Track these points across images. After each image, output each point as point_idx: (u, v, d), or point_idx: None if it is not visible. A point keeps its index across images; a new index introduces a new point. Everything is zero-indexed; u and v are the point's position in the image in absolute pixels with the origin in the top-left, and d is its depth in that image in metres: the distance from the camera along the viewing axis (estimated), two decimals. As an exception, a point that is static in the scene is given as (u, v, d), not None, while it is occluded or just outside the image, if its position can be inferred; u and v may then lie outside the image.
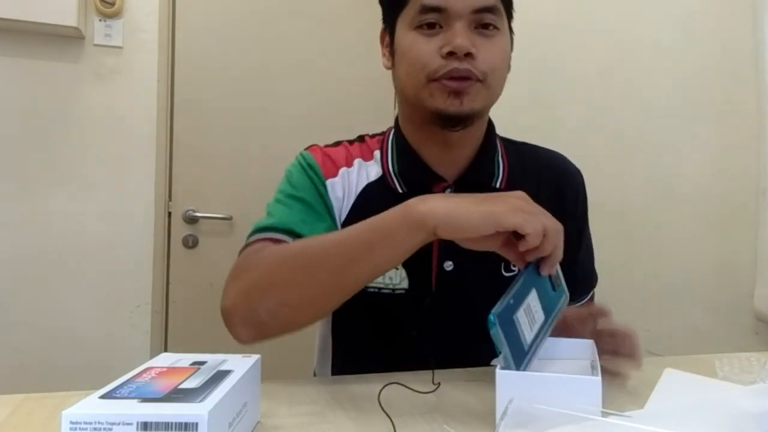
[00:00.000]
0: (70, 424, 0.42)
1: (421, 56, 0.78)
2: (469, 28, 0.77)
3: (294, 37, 2.20)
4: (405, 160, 0.87)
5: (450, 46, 0.76)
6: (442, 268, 0.83)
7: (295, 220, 0.80)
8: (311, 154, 0.88)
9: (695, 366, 0.74)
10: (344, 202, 0.85)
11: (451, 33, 0.77)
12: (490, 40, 0.79)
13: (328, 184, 0.85)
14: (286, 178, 0.87)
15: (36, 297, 1.84)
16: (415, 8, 0.79)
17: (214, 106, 2.12)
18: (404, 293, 0.82)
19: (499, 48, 0.80)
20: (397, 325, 0.83)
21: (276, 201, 0.84)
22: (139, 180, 1.94)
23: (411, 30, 0.80)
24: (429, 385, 0.68)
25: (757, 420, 0.55)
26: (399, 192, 0.84)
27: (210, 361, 0.56)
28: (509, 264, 0.83)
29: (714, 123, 1.47)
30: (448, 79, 0.77)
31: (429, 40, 0.78)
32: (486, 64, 0.78)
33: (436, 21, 0.78)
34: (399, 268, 0.83)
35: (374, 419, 0.58)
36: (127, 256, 1.92)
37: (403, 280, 0.83)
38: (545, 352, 0.67)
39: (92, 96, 1.90)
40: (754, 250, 1.38)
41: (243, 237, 0.81)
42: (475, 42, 0.77)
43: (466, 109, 0.78)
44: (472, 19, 0.78)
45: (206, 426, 0.42)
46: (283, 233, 0.78)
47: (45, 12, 1.74)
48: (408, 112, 0.87)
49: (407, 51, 0.80)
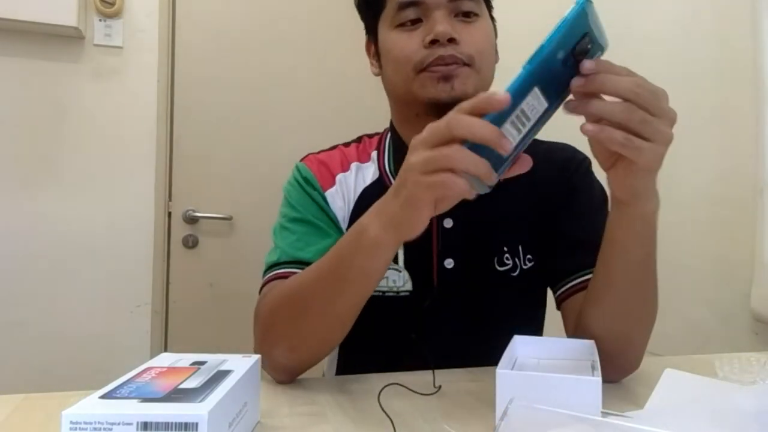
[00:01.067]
0: (70, 424, 0.42)
1: (405, 50, 0.79)
2: (449, 16, 0.78)
3: (294, 37, 2.20)
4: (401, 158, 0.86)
5: (432, 35, 0.76)
6: (443, 266, 0.83)
7: (300, 246, 0.80)
8: (306, 165, 0.88)
9: (695, 366, 0.74)
10: (345, 210, 0.85)
11: (431, 23, 0.77)
12: (472, 26, 0.79)
13: (327, 197, 0.85)
14: (285, 199, 0.87)
15: (36, 297, 1.84)
16: (393, 7, 0.80)
17: (214, 106, 2.12)
18: (409, 295, 0.83)
19: (482, 32, 0.80)
20: (402, 327, 0.83)
21: (280, 227, 0.84)
22: (139, 180, 1.94)
23: (392, 29, 0.81)
24: (429, 385, 0.68)
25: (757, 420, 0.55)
26: None
27: (210, 361, 0.56)
28: (502, 258, 0.84)
29: (712, 122, 1.47)
30: (436, 66, 0.77)
31: (411, 35, 0.79)
32: (471, 47, 0.78)
33: (415, 16, 0.79)
34: (402, 270, 0.83)
35: (374, 419, 0.58)
36: (127, 256, 1.92)
37: (406, 282, 0.83)
38: (545, 352, 0.67)
39: (92, 96, 1.90)
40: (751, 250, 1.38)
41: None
42: (457, 28, 0.78)
43: (458, 92, 0.77)
44: (450, 8, 0.78)
45: (206, 426, 0.42)
46: (290, 265, 0.79)
47: (45, 12, 1.74)
48: (401, 111, 0.87)
49: (391, 49, 0.81)
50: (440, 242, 0.83)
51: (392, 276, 0.83)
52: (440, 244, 0.83)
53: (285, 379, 0.73)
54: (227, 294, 2.04)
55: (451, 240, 0.84)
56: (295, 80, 2.20)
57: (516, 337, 0.67)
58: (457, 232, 0.84)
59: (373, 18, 0.85)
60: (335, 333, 0.71)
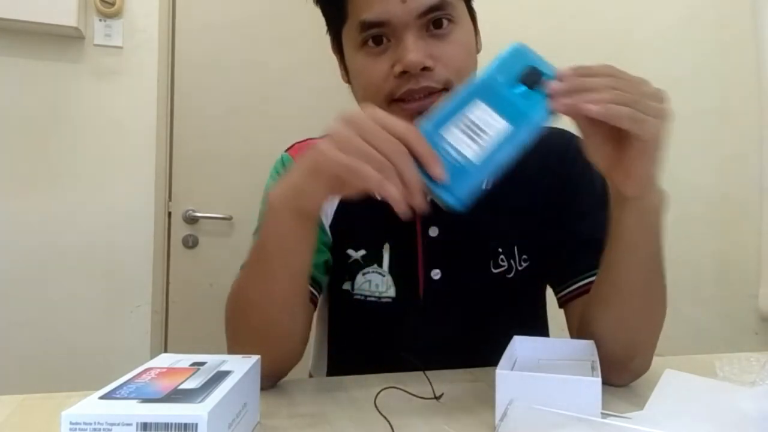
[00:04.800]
0: (70, 424, 0.42)
1: (372, 80, 0.71)
2: (420, 35, 0.69)
3: (293, 37, 2.19)
4: None
5: (401, 65, 0.68)
6: (429, 276, 0.80)
7: None
8: (291, 157, 0.85)
9: (695, 366, 0.74)
10: (329, 207, 0.82)
11: (401, 47, 0.69)
12: (447, 41, 0.71)
13: None
14: (264, 193, 0.83)
15: (36, 297, 1.84)
16: (355, 25, 0.71)
17: (214, 106, 2.12)
18: (391, 301, 0.80)
19: (458, 46, 0.72)
20: (387, 333, 0.82)
21: (258, 227, 0.79)
22: (139, 180, 1.94)
23: (358, 50, 0.72)
24: (429, 386, 0.67)
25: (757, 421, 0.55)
26: None
27: (210, 362, 0.56)
28: (497, 260, 0.80)
29: (716, 122, 1.47)
30: (408, 101, 0.70)
31: (377, 60, 0.71)
32: (448, 69, 0.70)
33: (381, 34, 0.70)
34: (385, 275, 0.80)
35: (374, 420, 0.58)
36: (127, 256, 1.92)
37: (389, 288, 0.80)
38: (545, 352, 0.67)
39: (92, 96, 1.90)
40: (757, 250, 1.37)
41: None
42: (431, 49, 0.69)
43: None
44: (420, 24, 0.69)
45: (206, 427, 0.42)
46: None
47: (45, 12, 1.74)
48: None
49: (358, 74, 0.74)
50: (426, 252, 0.80)
51: (375, 279, 0.80)
52: (426, 254, 0.80)
53: (264, 384, 0.68)
54: (227, 294, 2.04)
55: (437, 250, 0.80)
56: (295, 80, 2.20)
57: (515, 338, 0.67)
58: (445, 241, 0.80)
59: (335, 26, 0.78)
60: (284, 322, 0.68)
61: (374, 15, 0.69)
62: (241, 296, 0.69)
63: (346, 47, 0.76)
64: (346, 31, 0.75)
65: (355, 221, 0.81)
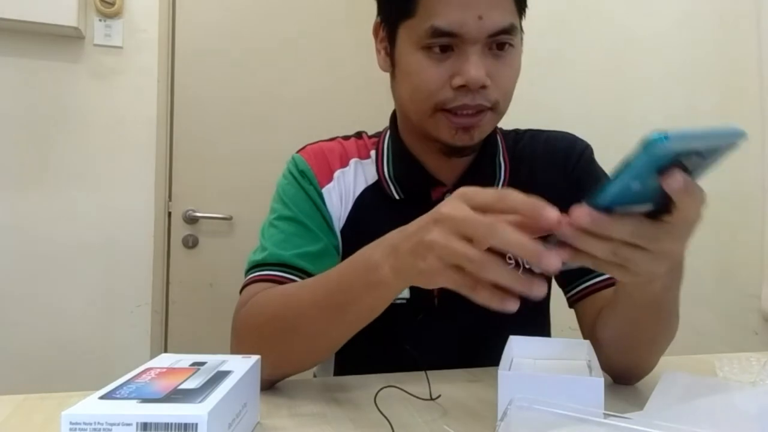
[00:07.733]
0: (70, 424, 0.42)
1: (428, 84, 0.72)
2: (483, 52, 0.71)
3: (294, 36, 2.20)
4: (401, 164, 0.83)
5: (463, 79, 0.70)
6: None
7: (286, 247, 0.77)
8: (304, 158, 0.84)
9: (695, 366, 0.74)
10: (342, 210, 0.82)
11: (464, 61, 0.70)
12: (505, 62, 0.73)
13: (324, 193, 0.81)
14: (278, 194, 0.83)
15: (36, 297, 1.84)
16: (425, 28, 0.70)
17: (213, 106, 2.12)
18: (405, 303, 0.80)
19: (512, 69, 0.74)
20: (398, 334, 0.82)
21: (269, 224, 0.81)
22: (139, 180, 1.94)
23: (418, 49, 0.72)
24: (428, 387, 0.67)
25: (757, 420, 0.55)
26: (395, 198, 0.82)
27: (210, 362, 0.55)
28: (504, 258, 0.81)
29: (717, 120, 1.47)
30: (458, 115, 0.72)
31: (438, 66, 0.71)
32: (499, 90, 0.72)
33: (449, 44, 0.70)
34: None
35: (374, 420, 0.58)
36: (127, 256, 1.92)
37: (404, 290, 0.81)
38: (541, 352, 0.67)
39: (92, 96, 1.90)
40: (759, 250, 1.37)
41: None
42: (490, 69, 0.71)
43: (476, 141, 0.75)
44: (486, 43, 0.71)
45: (206, 427, 0.42)
46: (274, 267, 0.75)
47: (45, 12, 1.74)
48: (408, 122, 0.82)
49: (413, 74, 0.74)
50: None
51: None
52: None
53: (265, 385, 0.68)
54: (227, 294, 2.03)
55: None
56: (296, 80, 2.19)
57: (512, 338, 0.67)
58: None
59: (395, 15, 0.76)
60: (323, 355, 0.70)
61: (448, 24, 0.69)
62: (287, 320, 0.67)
63: (402, 41, 0.75)
64: (409, 26, 0.73)
65: (369, 224, 0.80)
